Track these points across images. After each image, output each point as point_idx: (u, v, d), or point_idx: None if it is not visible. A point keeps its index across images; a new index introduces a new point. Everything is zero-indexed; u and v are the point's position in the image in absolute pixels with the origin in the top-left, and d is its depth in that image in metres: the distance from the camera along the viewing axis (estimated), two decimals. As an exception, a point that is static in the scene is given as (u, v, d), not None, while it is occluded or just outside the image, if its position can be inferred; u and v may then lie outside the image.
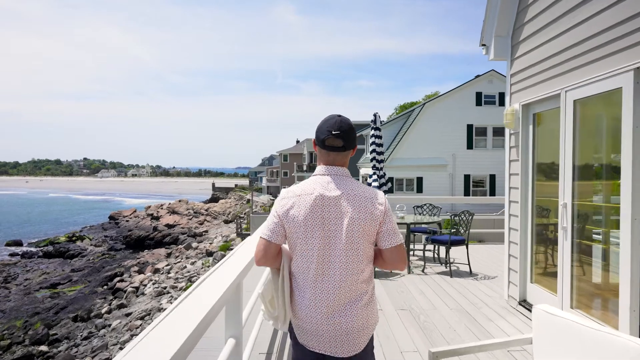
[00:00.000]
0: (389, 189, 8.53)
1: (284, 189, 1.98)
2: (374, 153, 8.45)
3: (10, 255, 31.27)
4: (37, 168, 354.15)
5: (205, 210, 48.41)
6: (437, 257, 7.92)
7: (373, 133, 8.33)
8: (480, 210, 18.02)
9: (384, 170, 8.70)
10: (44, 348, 13.60)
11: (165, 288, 17.90)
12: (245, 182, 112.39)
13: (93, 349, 13.03)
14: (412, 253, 8.43)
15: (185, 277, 19.27)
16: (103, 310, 16.20)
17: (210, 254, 24.13)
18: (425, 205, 8.57)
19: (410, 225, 7.22)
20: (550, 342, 2.08)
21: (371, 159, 8.50)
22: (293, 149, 66.63)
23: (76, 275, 23.43)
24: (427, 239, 7.41)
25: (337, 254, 1.83)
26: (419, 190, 24.74)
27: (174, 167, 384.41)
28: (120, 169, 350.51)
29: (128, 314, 15.61)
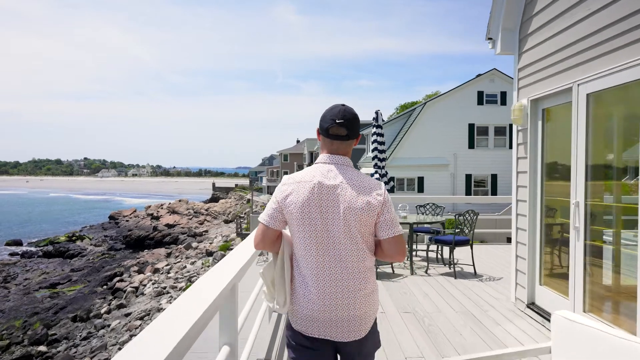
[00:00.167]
0: (391, 188, 8.36)
1: (286, 175, 1.99)
2: (376, 151, 8.27)
3: (10, 254, 31.18)
4: (38, 168, 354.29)
5: (206, 210, 48.28)
6: (441, 258, 7.75)
7: (375, 131, 8.15)
8: (482, 210, 17.76)
9: (386, 169, 8.54)
10: (42, 348, 13.51)
11: (165, 288, 17.77)
12: (245, 182, 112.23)
13: (92, 349, 12.93)
14: (415, 253, 8.23)
15: (185, 277, 19.13)
16: (102, 311, 16.09)
17: (210, 253, 23.99)
18: (427, 204, 8.37)
19: (413, 225, 7.04)
20: (572, 352, 1.92)
21: (373, 157, 8.33)
22: (293, 148, 66.49)
23: (76, 275, 23.31)
24: (431, 239, 7.25)
25: (336, 242, 1.83)
26: (420, 190, 24.55)
27: (174, 167, 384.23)
28: (120, 168, 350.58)
29: (127, 314, 15.49)
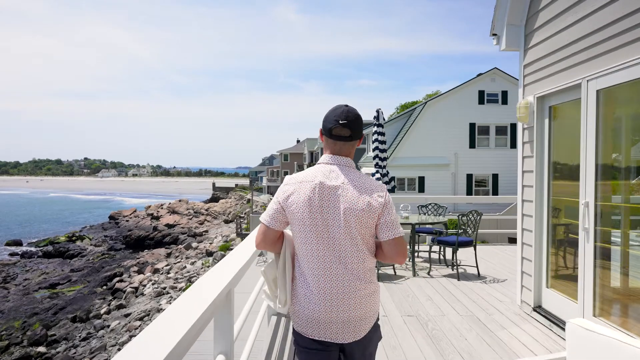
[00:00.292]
0: (392, 188, 8.24)
1: (288, 175, 1.98)
2: (377, 150, 8.14)
3: (10, 255, 31.08)
4: (38, 168, 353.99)
5: (206, 210, 48.17)
6: (443, 259, 7.61)
7: (376, 130, 8.03)
8: (483, 210, 17.64)
9: (387, 169, 8.40)
10: (42, 349, 13.45)
11: (164, 288, 17.66)
12: (245, 182, 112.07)
13: (92, 349, 12.85)
14: (417, 254, 8.10)
15: (185, 277, 19.02)
16: (102, 311, 16.01)
17: (210, 254, 23.88)
18: (429, 205, 8.23)
19: (415, 226, 6.91)
20: (590, 363, 1.79)
21: (374, 156, 8.20)
22: (293, 148, 66.32)
23: (75, 275, 23.22)
24: (433, 239, 7.13)
25: (337, 242, 1.82)
26: (421, 189, 24.40)
27: (174, 167, 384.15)
28: (120, 168, 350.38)
29: (127, 315, 15.39)
